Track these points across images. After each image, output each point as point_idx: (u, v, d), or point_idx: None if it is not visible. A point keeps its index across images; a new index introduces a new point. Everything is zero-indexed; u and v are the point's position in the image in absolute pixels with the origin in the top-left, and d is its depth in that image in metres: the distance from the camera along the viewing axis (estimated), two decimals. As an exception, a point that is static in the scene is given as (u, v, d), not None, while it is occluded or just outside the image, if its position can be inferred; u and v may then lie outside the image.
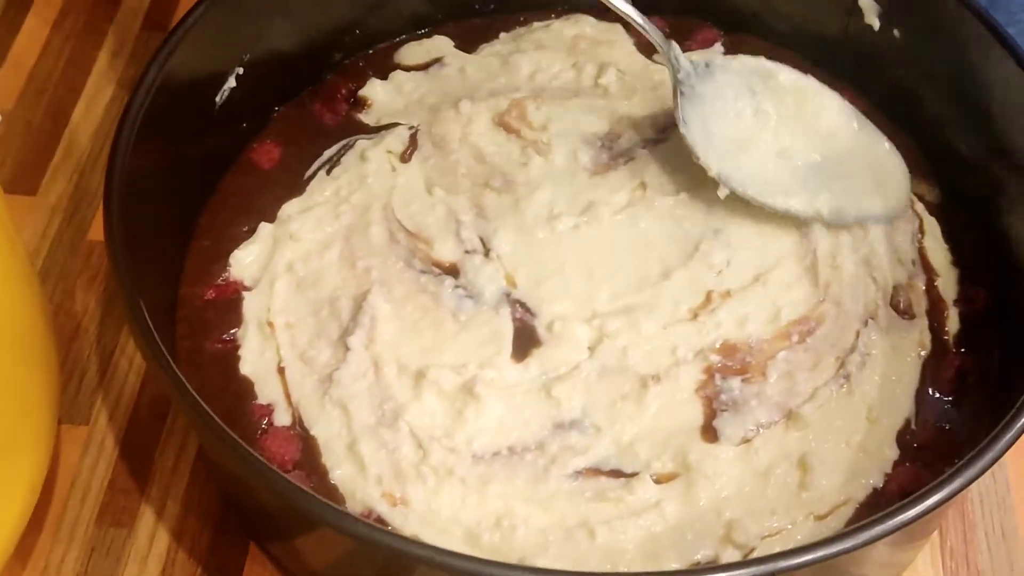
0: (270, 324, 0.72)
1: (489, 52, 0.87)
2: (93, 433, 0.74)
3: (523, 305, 0.73)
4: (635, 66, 0.85)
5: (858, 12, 0.82)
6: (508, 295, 0.73)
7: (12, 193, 0.85)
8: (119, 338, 0.78)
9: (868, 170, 0.78)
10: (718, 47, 0.87)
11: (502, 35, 0.88)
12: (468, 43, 0.88)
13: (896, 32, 0.81)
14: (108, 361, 0.77)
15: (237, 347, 0.72)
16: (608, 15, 0.85)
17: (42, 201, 0.85)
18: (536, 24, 0.88)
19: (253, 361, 0.71)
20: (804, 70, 0.82)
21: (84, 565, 0.69)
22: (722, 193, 0.75)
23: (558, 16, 0.88)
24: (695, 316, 0.72)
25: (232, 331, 0.72)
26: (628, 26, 0.85)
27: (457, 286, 0.74)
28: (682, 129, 0.76)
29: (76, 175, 0.87)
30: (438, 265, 0.75)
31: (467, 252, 0.75)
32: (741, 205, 0.76)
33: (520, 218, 0.76)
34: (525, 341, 0.71)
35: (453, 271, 0.74)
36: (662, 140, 0.80)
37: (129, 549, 0.69)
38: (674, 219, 0.76)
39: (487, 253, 0.75)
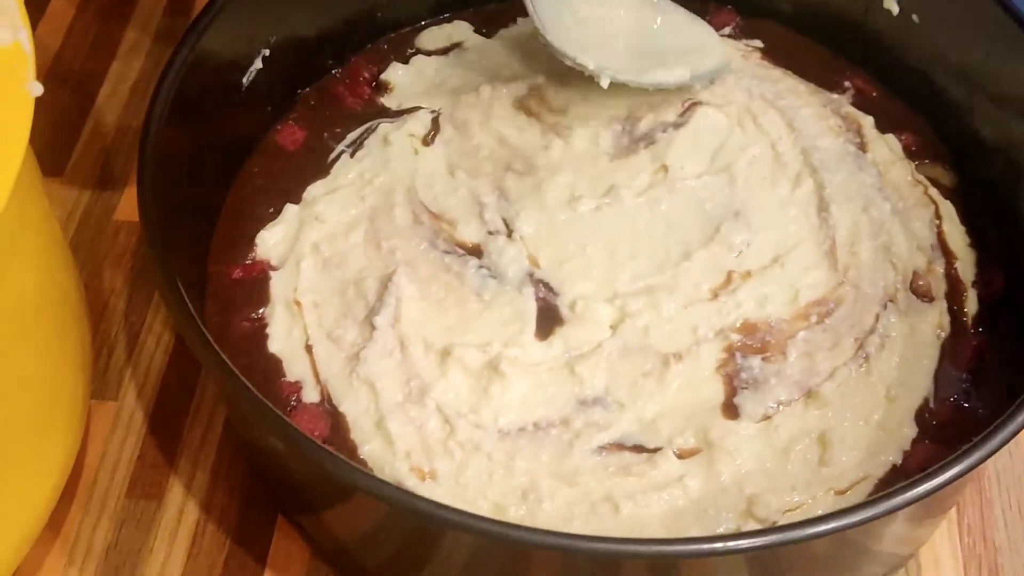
0: (297, 303, 0.74)
1: (507, 37, 0.89)
2: (122, 408, 0.76)
3: (546, 285, 0.75)
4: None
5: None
6: (531, 275, 0.75)
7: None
8: (146, 316, 0.81)
9: (687, 31, 0.81)
10: (727, 30, 0.89)
11: (520, 20, 0.89)
12: (487, 28, 0.90)
13: (915, 17, 0.82)
14: (136, 339, 0.80)
15: (265, 325, 0.74)
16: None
17: (69, 182, 0.88)
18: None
19: (281, 339, 0.73)
20: (821, 54, 0.87)
21: (115, 535, 0.71)
22: (604, 83, 0.77)
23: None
24: (715, 296, 0.74)
25: (260, 310, 0.74)
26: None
27: (481, 266, 0.76)
28: (543, 34, 0.78)
29: (103, 156, 0.89)
30: (461, 246, 0.77)
31: (490, 233, 0.77)
32: (761, 188, 0.78)
33: (542, 200, 0.78)
34: (548, 320, 0.73)
35: (477, 252, 0.76)
36: (682, 123, 0.81)
37: (159, 521, 0.72)
38: (695, 201, 0.78)
39: (510, 234, 0.77)
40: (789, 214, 0.78)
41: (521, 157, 0.81)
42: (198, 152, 0.76)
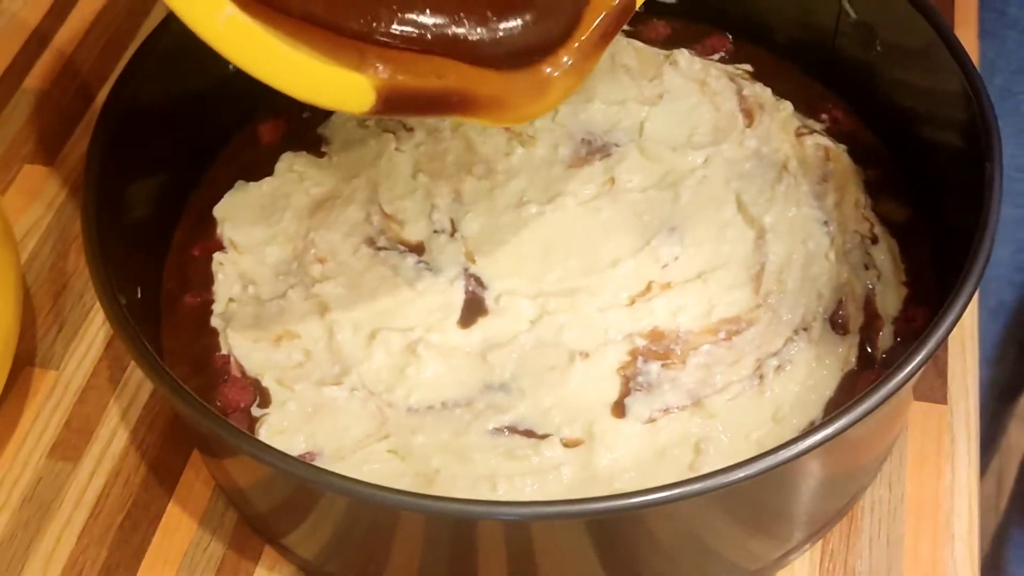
0: (242, 279, 0.91)
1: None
2: (60, 378, 0.94)
3: (477, 279, 0.88)
4: (629, 61, 1.02)
5: (842, 29, 0.97)
6: (466, 270, 0.88)
7: (33, 163, 1.08)
8: (99, 296, 0.99)
9: None
10: (716, 56, 1.03)
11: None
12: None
13: (879, 48, 0.94)
14: (85, 317, 0.98)
15: (211, 301, 0.90)
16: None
17: (56, 172, 1.08)
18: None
19: (219, 314, 0.89)
20: (804, 84, 1.00)
21: (32, 491, 0.90)
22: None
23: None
24: (632, 303, 0.86)
25: (211, 286, 0.91)
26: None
27: (420, 261, 0.90)
28: None
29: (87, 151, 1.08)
30: (404, 243, 0.91)
31: (435, 232, 0.91)
32: (705, 208, 0.90)
33: (492, 203, 0.92)
34: (473, 311, 0.87)
35: (419, 249, 0.91)
36: (636, 140, 0.95)
37: (72, 481, 0.90)
38: (634, 214, 0.90)
39: (453, 233, 0.91)
40: (725, 235, 0.89)
41: (483, 162, 0.94)
42: (173, 128, 0.93)
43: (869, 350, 0.85)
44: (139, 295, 0.85)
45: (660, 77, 1.01)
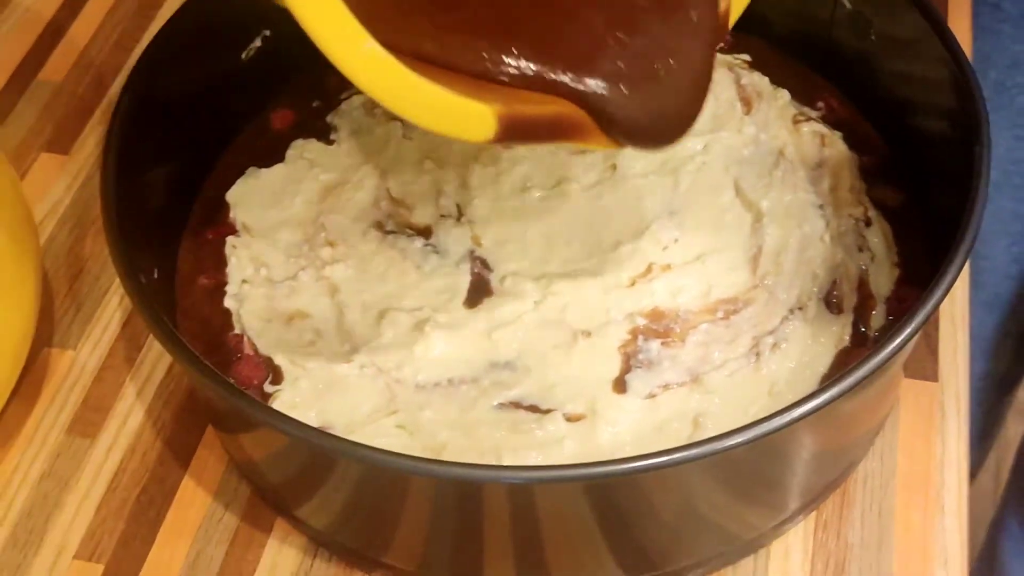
0: (254, 262, 0.94)
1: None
2: (78, 358, 0.98)
3: (483, 261, 0.91)
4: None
5: (838, 19, 0.99)
6: (472, 252, 0.92)
7: (49, 152, 1.12)
8: (115, 279, 1.02)
9: None
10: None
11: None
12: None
13: (873, 37, 0.97)
14: (102, 299, 1.02)
15: (225, 283, 0.93)
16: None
17: (73, 159, 1.11)
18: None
19: (232, 295, 0.93)
20: (802, 73, 1.03)
21: (50, 466, 0.93)
22: None
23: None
24: (633, 284, 0.89)
25: (226, 268, 0.94)
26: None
27: (427, 244, 0.93)
28: None
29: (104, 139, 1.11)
30: (412, 227, 0.94)
31: (442, 216, 0.94)
32: (704, 193, 0.94)
33: (498, 189, 0.95)
34: (479, 292, 0.90)
35: (427, 232, 0.94)
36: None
37: (90, 456, 0.93)
38: (636, 199, 0.93)
39: (460, 217, 0.94)
40: (724, 219, 0.92)
41: (489, 149, 0.97)
42: (186, 116, 0.96)
43: (862, 329, 0.88)
44: (155, 276, 0.89)
45: (660, 67, 1.02)
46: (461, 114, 0.68)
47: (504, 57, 0.71)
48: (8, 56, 1.20)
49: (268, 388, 0.87)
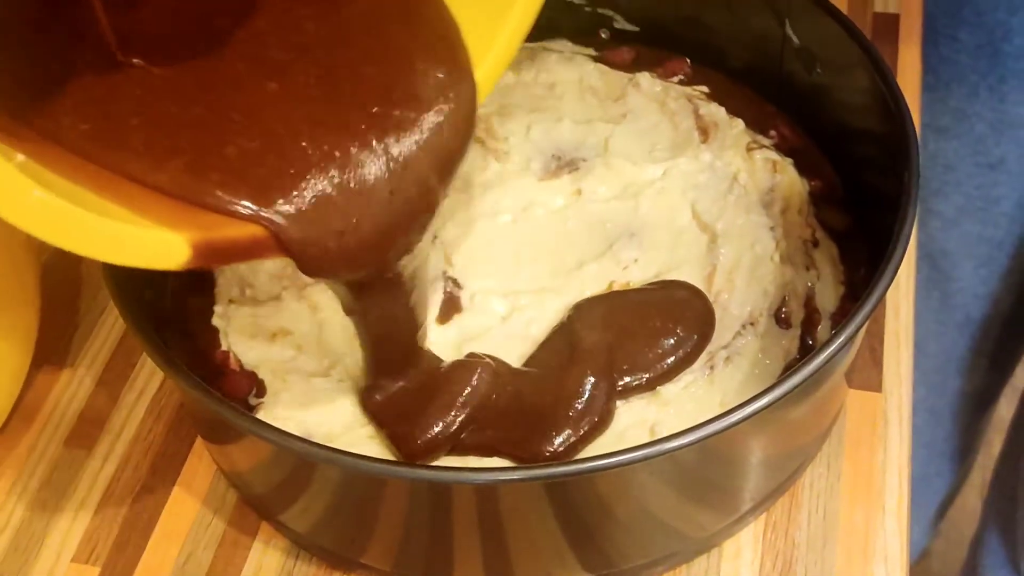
0: (240, 283, 1.00)
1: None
2: (75, 373, 1.04)
3: (454, 280, 0.97)
4: (596, 83, 1.11)
5: (787, 54, 1.06)
6: (444, 272, 0.97)
7: None
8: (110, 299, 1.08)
9: None
10: (676, 78, 1.13)
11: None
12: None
13: (819, 70, 1.04)
14: (99, 316, 1.08)
15: (213, 303, 0.99)
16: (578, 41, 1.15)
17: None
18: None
19: (220, 315, 0.98)
20: (756, 103, 1.10)
21: (49, 475, 0.99)
22: None
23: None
24: None
25: (212, 290, 1.00)
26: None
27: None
28: None
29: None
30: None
31: (417, 240, 1.01)
32: (662, 215, 1.00)
33: (469, 213, 1.01)
34: (450, 308, 0.96)
35: (400, 254, 1.01)
36: (601, 155, 1.05)
37: (86, 467, 0.99)
38: (599, 222, 1.00)
39: (433, 240, 0.99)
40: (681, 239, 0.98)
41: (462, 177, 1.03)
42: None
43: (809, 342, 0.94)
44: (148, 297, 0.94)
45: (624, 98, 1.11)
46: (151, 249, 0.67)
47: (199, 184, 0.71)
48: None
49: (252, 401, 0.93)
